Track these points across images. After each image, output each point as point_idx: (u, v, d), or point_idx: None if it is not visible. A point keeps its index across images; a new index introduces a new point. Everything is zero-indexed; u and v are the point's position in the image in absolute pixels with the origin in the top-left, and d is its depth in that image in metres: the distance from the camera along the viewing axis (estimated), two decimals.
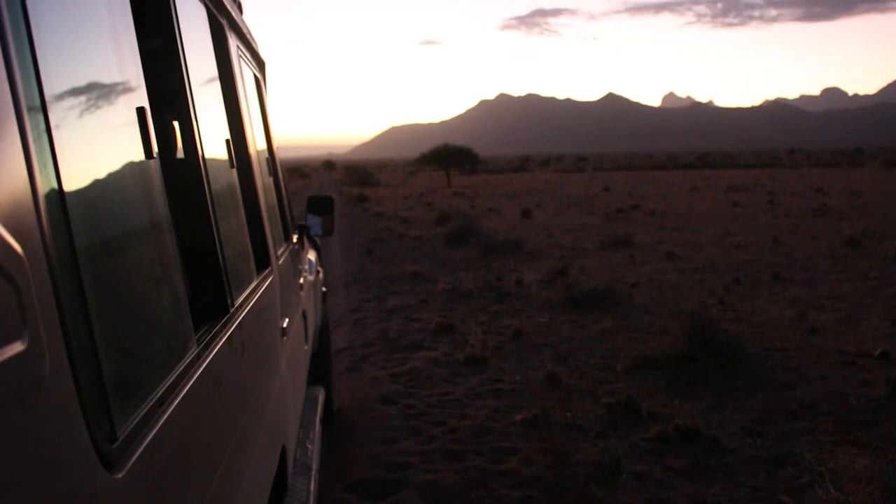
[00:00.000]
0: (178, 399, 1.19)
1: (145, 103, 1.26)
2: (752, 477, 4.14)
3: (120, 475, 0.89)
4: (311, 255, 4.97)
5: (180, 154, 1.74)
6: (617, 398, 5.27)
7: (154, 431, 1.04)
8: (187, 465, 1.23)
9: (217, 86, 2.24)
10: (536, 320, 8.04)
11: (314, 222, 4.84)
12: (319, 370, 4.73)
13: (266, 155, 3.35)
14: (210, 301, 1.75)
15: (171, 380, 1.20)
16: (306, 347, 3.81)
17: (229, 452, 1.53)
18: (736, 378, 5.82)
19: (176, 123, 1.70)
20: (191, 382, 1.27)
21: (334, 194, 20.98)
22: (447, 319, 7.91)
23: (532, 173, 68.54)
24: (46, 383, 0.72)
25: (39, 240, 0.75)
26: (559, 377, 5.89)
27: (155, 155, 1.28)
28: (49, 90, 0.87)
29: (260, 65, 3.62)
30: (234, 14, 2.66)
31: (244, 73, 2.79)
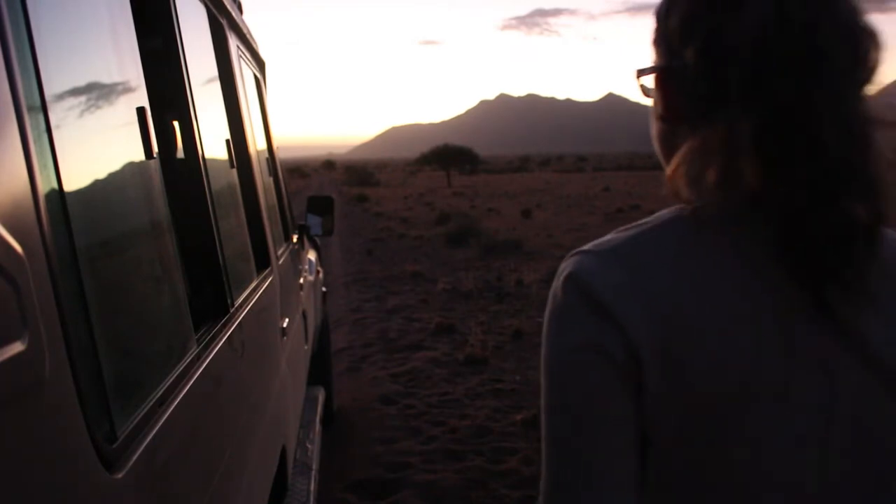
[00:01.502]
0: (178, 399, 1.18)
1: (145, 103, 1.26)
2: None
3: (120, 475, 0.89)
4: (311, 255, 4.97)
5: (180, 154, 1.75)
6: None
7: (154, 431, 1.04)
8: (187, 465, 1.23)
9: (217, 86, 2.24)
10: (536, 320, 8.04)
11: (314, 222, 4.84)
12: (319, 370, 4.73)
13: (266, 155, 3.35)
14: (210, 301, 1.75)
15: (171, 380, 1.19)
16: (306, 347, 3.81)
17: (229, 452, 1.53)
18: None
19: (176, 123, 1.70)
20: (191, 382, 1.27)
21: (334, 194, 20.95)
22: (447, 319, 7.91)
23: (532, 173, 68.53)
24: (46, 383, 0.72)
25: (39, 240, 0.75)
26: None
27: (155, 155, 1.28)
28: (49, 90, 0.87)
29: (260, 65, 3.62)
30: (234, 14, 2.67)
31: (244, 73, 2.79)
